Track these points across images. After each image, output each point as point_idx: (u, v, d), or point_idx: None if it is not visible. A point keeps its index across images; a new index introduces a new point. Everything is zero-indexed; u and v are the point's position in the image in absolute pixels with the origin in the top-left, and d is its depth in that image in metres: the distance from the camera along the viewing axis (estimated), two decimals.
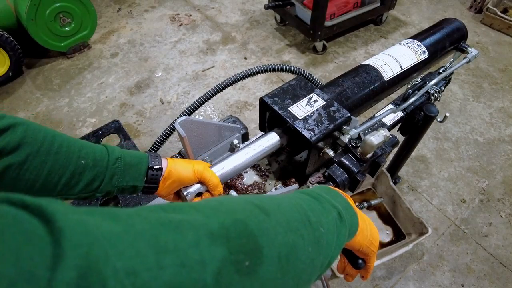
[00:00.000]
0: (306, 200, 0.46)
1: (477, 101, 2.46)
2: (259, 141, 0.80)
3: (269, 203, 0.39)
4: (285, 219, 0.38)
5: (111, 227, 0.25)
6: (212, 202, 0.35)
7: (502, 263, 1.69)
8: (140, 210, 0.29)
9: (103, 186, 0.66)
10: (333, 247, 0.44)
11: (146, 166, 0.70)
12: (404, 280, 1.64)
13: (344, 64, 2.73)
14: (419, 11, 3.29)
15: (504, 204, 1.91)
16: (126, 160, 0.68)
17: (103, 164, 0.66)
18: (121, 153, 0.69)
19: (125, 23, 3.12)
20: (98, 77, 2.63)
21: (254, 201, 0.38)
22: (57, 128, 2.28)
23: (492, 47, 2.89)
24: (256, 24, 3.11)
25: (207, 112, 2.40)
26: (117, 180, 0.68)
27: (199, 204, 0.34)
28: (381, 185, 1.82)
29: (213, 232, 0.29)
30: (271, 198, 0.42)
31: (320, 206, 0.47)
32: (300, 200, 0.45)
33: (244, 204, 0.36)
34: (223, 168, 0.77)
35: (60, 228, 0.22)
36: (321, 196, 0.49)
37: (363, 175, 0.79)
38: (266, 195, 0.48)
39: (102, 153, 0.66)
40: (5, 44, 2.35)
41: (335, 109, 0.81)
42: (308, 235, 0.39)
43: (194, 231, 0.28)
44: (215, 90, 1.15)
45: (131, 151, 0.72)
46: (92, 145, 0.67)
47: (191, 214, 0.31)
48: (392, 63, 1.01)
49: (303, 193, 0.50)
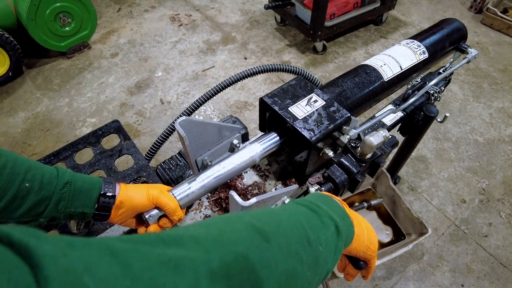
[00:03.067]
0: (305, 215, 0.46)
1: (477, 101, 2.46)
2: (230, 158, 0.80)
3: (269, 223, 0.39)
4: (286, 242, 0.38)
5: (107, 268, 0.24)
6: (213, 231, 0.34)
7: (502, 263, 1.69)
8: (140, 245, 0.28)
9: (48, 212, 0.63)
10: (330, 264, 0.45)
11: (97, 193, 0.67)
12: (404, 280, 1.64)
13: (344, 64, 2.73)
14: (419, 11, 3.29)
15: (504, 204, 1.91)
16: (76, 185, 0.65)
17: (50, 188, 0.62)
18: (72, 177, 0.65)
19: (125, 23, 3.12)
20: (98, 77, 2.63)
21: (255, 223, 0.37)
22: (57, 128, 2.29)
23: (492, 47, 2.89)
24: (256, 24, 3.11)
25: (207, 112, 2.40)
26: (64, 206, 0.64)
27: (200, 234, 0.33)
28: (381, 185, 1.82)
29: (214, 271, 0.29)
30: (271, 215, 0.42)
31: (318, 220, 0.46)
32: (300, 216, 0.45)
33: (245, 231, 0.35)
34: (189, 188, 0.75)
35: (46, 277, 0.21)
36: (319, 208, 0.49)
37: (362, 175, 0.79)
38: (266, 210, 0.45)
39: (50, 177, 0.63)
40: (5, 44, 2.35)
41: (335, 109, 0.81)
42: (307, 258, 0.40)
43: (193, 271, 0.28)
44: (215, 90, 1.15)
45: (84, 175, 0.69)
46: (42, 167, 0.64)
47: (191, 249, 0.30)
48: (392, 63, 1.01)
49: (302, 204, 0.50)
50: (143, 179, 1.01)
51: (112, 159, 1.06)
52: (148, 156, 1.28)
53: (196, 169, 0.79)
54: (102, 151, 1.08)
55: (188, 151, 0.73)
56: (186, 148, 0.72)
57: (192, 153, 0.74)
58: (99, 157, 1.06)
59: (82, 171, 1.02)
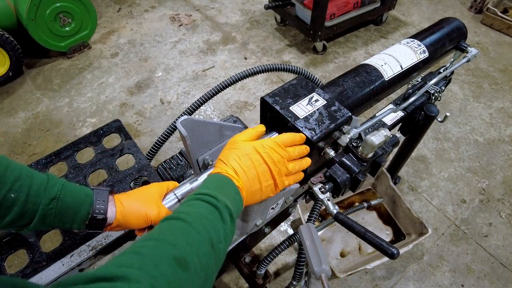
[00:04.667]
0: (209, 216, 0.52)
1: (477, 101, 2.47)
2: None
3: (185, 248, 0.46)
4: (198, 260, 0.46)
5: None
6: (147, 281, 0.40)
7: (502, 263, 1.69)
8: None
9: (33, 225, 0.60)
10: (224, 252, 0.53)
11: (87, 210, 0.63)
12: (404, 280, 1.64)
13: (344, 64, 2.73)
14: (419, 11, 3.29)
15: (504, 204, 1.91)
16: (64, 201, 0.61)
17: (36, 202, 0.59)
18: (61, 192, 0.62)
19: (125, 23, 3.12)
20: (98, 77, 2.63)
21: (174, 253, 0.45)
22: (57, 128, 2.29)
23: (492, 47, 2.90)
24: (256, 24, 3.11)
25: (207, 112, 2.40)
26: (50, 221, 0.61)
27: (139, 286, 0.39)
28: (381, 185, 1.82)
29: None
30: (184, 234, 0.48)
31: (219, 217, 0.53)
32: (205, 221, 0.51)
33: (169, 271, 0.42)
34: (191, 189, 0.73)
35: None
36: (218, 201, 0.54)
37: (364, 175, 0.79)
38: (179, 229, 0.50)
39: (38, 189, 0.60)
40: (5, 44, 2.35)
41: (336, 109, 0.81)
42: (214, 262, 0.49)
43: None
44: (216, 90, 1.15)
45: (76, 188, 0.65)
46: (32, 177, 0.60)
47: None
48: (392, 62, 1.01)
49: (204, 201, 0.54)
50: (144, 178, 1.01)
51: (113, 158, 1.06)
52: (149, 156, 1.28)
53: (197, 169, 0.79)
54: (103, 150, 1.08)
55: (189, 151, 0.73)
56: (187, 148, 0.72)
57: (193, 153, 0.74)
58: (100, 156, 1.06)
59: (83, 171, 1.02)
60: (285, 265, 1.69)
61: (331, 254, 1.67)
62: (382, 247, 0.66)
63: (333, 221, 1.62)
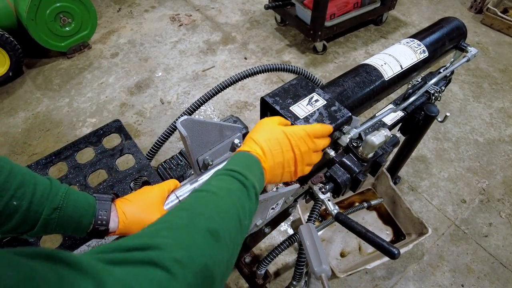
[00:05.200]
0: (238, 194, 0.54)
1: (477, 101, 2.47)
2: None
3: (217, 220, 0.48)
4: (229, 234, 0.48)
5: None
6: (183, 248, 0.42)
7: (502, 264, 1.69)
8: (128, 267, 0.37)
9: (35, 232, 0.60)
10: (247, 229, 0.55)
11: (89, 220, 0.64)
12: (404, 280, 1.64)
13: (344, 64, 2.73)
14: (419, 11, 3.29)
15: (504, 204, 1.91)
16: (66, 211, 0.61)
17: (38, 210, 0.59)
18: (63, 201, 0.61)
19: (125, 23, 3.12)
20: (98, 77, 2.63)
21: (208, 226, 0.46)
22: (57, 128, 2.29)
23: (492, 47, 2.90)
24: (256, 24, 3.11)
25: (207, 112, 2.40)
26: (52, 229, 0.61)
27: (176, 255, 0.40)
28: (381, 185, 1.82)
29: (190, 282, 0.39)
30: (216, 207, 0.50)
31: (246, 194, 0.55)
32: (234, 197, 0.53)
33: (203, 240, 0.44)
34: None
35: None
36: (247, 179, 0.56)
37: (364, 175, 0.79)
38: (212, 202, 0.51)
39: (41, 198, 0.59)
40: (5, 44, 2.35)
41: (336, 109, 0.81)
42: (240, 237, 0.52)
43: (178, 286, 0.38)
44: (216, 90, 1.15)
45: (79, 195, 0.65)
46: (35, 183, 0.60)
47: (173, 268, 0.38)
48: (392, 62, 1.01)
49: (234, 177, 0.56)
50: (144, 178, 1.01)
51: (113, 158, 1.06)
52: (149, 156, 1.28)
53: (197, 169, 0.79)
54: (103, 150, 1.08)
55: (189, 151, 0.73)
56: (187, 148, 0.72)
57: (193, 153, 0.74)
58: (100, 156, 1.06)
59: (83, 171, 1.02)
60: (285, 265, 1.69)
61: (331, 254, 1.67)
62: (383, 247, 0.66)
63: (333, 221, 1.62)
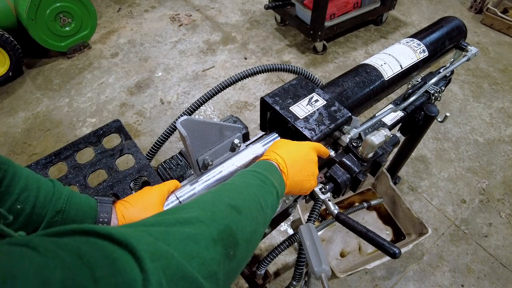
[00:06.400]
0: (258, 187, 0.61)
1: (477, 102, 2.47)
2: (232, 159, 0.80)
3: (239, 199, 0.55)
4: (249, 211, 0.54)
5: (167, 246, 0.39)
6: (208, 213, 0.49)
7: (502, 264, 1.69)
8: (169, 227, 0.43)
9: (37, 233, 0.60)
10: (271, 216, 0.62)
11: (91, 222, 0.65)
12: (404, 280, 1.64)
13: (344, 64, 2.73)
14: (419, 11, 3.29)
15: (504, 204, 1.91)
16: (69, 214, 0.62)
17: (41, 213, 0.59)
18: (66, 204, 0.62)
19: (125, 23, 3.12)
20: (98, 77, 2.63)
21: (231, 202, 0.53)
22: (57, 128, 2.29)
23: (492, 47, 2.90)
24: (256, 24, 3.11)
25: (207, 112, 2.40)
26: None
27: (201, 215, 0.48)
28: (381, 185, 1.82)
29: (214, 238, 0.45)
30: (239, 192, 0.57)
31: (267, 188, 0.61)
32: (254, 188, 0.60)
33: (226, 210, 0.51)
34: (193, 189, 0.74)
35: (147, 268, 0.32)
36: (267, 178, 0.63)
37: (364, 175, 0.79)
38: (234, 188, 0.59)
39: (44, 201, 0.60)
40: (5, 44, 2.35)
41: (336, 109, 0.81)
42: (261, 220, 0.57)
43: (204, 240, 0.44)
44: (216, 90, 1.15)
45: (81, 198, 0.66)
46: (39, 186, 0.60)
47: (198, 226, 0.45)
48: (392, 62, 1.01)
49: (255, 176, 0.63)
50: (144, 178, 1.01)
51: (113, 158, 1.06)
52: (149, 156, 1.28)
53: (197, 169, 0.79)
54: (103, 150, 1.08)
55: (189, 151, 0.73)
56: (187, 148, 0.72)
57: (193, 153, 0.74)
58: (100, 156, 1.06)
59: (83, 171, 1.02)
60: (285, 265, 1.69)
61: (331, 254, 1.67)
62: (384, 247, 0.66)
63: (333, 221, 1.62)
